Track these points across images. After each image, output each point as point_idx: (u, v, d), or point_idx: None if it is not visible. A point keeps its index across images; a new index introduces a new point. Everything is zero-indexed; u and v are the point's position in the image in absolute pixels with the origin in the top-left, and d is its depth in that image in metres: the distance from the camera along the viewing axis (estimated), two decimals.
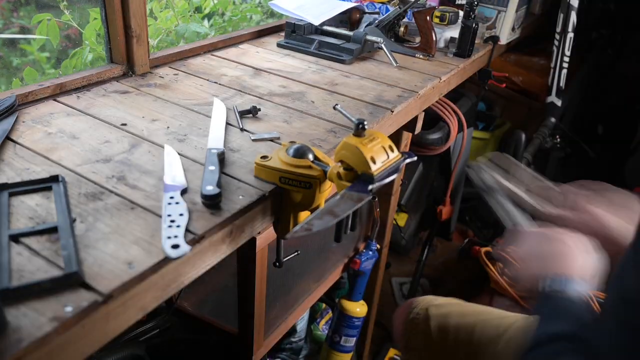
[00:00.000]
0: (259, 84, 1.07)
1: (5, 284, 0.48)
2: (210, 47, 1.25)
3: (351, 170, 0.65)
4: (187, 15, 1.49)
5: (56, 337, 0.45)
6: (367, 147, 0.64)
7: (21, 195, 0.63)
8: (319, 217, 0.61)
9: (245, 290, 0.88)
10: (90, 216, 0.60)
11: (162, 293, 0.56)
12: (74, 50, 1.19)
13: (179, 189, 0.66)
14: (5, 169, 0.68)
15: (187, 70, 1.10)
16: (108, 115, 0.86)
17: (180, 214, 0.60)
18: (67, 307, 0.47)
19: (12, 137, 0.76)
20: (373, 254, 1.31)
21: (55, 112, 0.86)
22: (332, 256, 1.23)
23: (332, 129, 0.90)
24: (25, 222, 0.58)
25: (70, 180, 0.67)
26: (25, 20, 1.13)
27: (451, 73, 1.27)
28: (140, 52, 1.03)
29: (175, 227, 0.58)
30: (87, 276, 0.51)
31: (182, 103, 0.94)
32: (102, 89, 0.97)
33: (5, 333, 0.44)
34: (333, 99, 1.03)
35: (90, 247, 0.55)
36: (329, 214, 0.61)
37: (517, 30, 1.71)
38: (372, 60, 1.30)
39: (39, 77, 1.12)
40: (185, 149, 0.78)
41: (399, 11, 1.33)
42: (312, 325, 1.50)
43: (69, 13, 1.15)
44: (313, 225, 0.61)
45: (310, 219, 0.62)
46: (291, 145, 0.72)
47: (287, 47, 1.31)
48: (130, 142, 0.79)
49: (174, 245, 0.55)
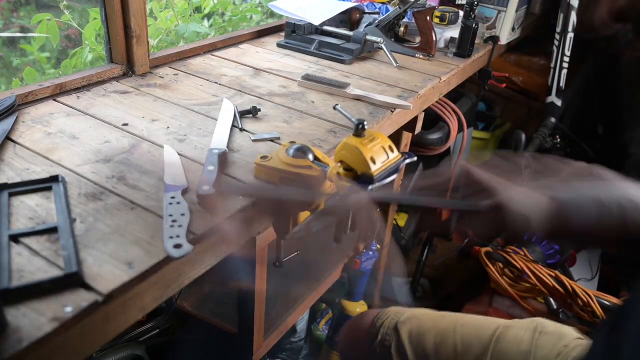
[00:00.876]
0: (259, 84, 1.07)
1: (5, 284, 0.48)
2: (210, 47, 1.25)
3: (351, 171, 0.65)
4: (187, 15, 1.50)
5: (56, 337, 0.45)
6: (367, 147, 0.64)
7: (21, 195, 0.63)
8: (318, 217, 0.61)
9: (245, 290, 0.88)
10: (90, 216, 0.60)
11: (162, 293, 0.56)
12: (74, 50, 1.19)
13: (180, 188, 0.66)
14: (5, 169, 0.68)
15: (187, 70, 1.10)
16: (108, 115, 0.86)
17: (182, 214, 0.60)
18: (67, 307, 0.47)
19: (12, 137, 0.76)
20: (373, 254, 1.31)
21: (55, 112, 0.86)
22: (332, 256, 1.23)
23: (332, 129, 0.90)
24: (25, 222, 0.58)
25: (70, 180, 0.67)
26: (25, 20, 1.13)
27: (451, 73, 1.27)
28: (140, 52, 1.03)
29: (177, 226, 0.58)
30: (87, 276, 0.51)
31: (182, 103, 0.94)
32: (102, 89, 0.97)
33: (5, 333, 0.44)
34: (333, 99, 1.03)
35: (90, 247, 0.55)
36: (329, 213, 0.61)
37: (517, 30, 1.71)
38: (372, 60, 1.30)
39: (38, 77, 1.12)
40: (185, 149, 0.78)
41: (399, 11, 1.33)
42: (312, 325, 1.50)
43: (69, 13, 1.15)
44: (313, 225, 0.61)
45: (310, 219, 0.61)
46: (291, 145, 0.72)
47: (287, 47, 1.31)
48: (130, 142, 0.79)
49: (176, 245, 0.55)
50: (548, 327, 0.87)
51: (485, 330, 0.89)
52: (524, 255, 1.38)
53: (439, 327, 0.91)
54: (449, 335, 0.89)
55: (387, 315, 0.95)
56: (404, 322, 0.93)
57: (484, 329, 0.90)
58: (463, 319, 0.93)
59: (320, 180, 0.68)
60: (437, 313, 0.96)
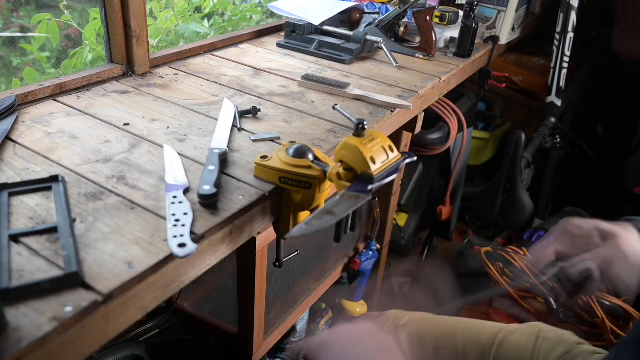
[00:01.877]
0: (259, 84, 1.07)
1: (5, 284, 0.48)
2: (210, 47, 1.25)
3: (351, 171, 0.65)
4: (187, 15, 1.50)
5: (56, 337, 0.45)
6: (367, 147, 0.64)
7: (21, 195, 0.63)
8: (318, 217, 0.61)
9: (245, 290, 0.88)
10: (90, 216, 0.60)
11: (162, 293, 0.56)
12: (74, 50, 1.19)
13: (182, 188, 0.66)
14: (5, 169, 0.68)
15: (187, 70, 1.10)
16: (108, 115, 0.86)
17: (185, 213, 0.61)
18: (67, 307, 0.47)
19: (12, 137, 0.76)
20: (373, 254, 1.31)
21: (55, 112, 0.86)
22: (332, 256, 1.23)
23: (332, 129, 0.90)
24: (25, 222, 0.58)
25: (70, 180, 0.67)
26: (25, 20, 1.13)
27: (451, 73, 1.27)
28: (140, 52, 1.03)
29: (180, 226, 0.58)
30: (87, 276, 0.51)
31: (182, 103, 0.94)
32: (102, 89, 0.97)
33: (5, 333, 0.44)
34: (333, 99, 1.03)
35: (90, 247, 0.55)
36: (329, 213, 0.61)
37: (517, 30, 1.71)
38: (372, 60, 1.30)
39: (39, 77, 1.12)
40: (185, 149, 0.78)
41: (399, 11, 1.34)
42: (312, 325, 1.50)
43: (69, 13, 1.15)
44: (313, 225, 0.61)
45: (310, 218, 0.62)
46: (291, 145, 0.72)
47: (287, 47, 1.31)
48: (130, 142, 0.79)
49: (180, 244, 0.55)
50: (549, 333, 0.88)
51: (485, 334, 0.89)
52: (524, 255, 1.38)
53: (439, 331, 0.91)
54: (449, 339, 0.89)
55: (387, 319, 0.96)
56: (404, 325, 0.93)
57: (484, 333, 0.90)
58: (462, 323, 0.93)
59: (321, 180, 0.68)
60: (436, 317, 0.96)
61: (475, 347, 0.88)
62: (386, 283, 1.53)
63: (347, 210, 0.61)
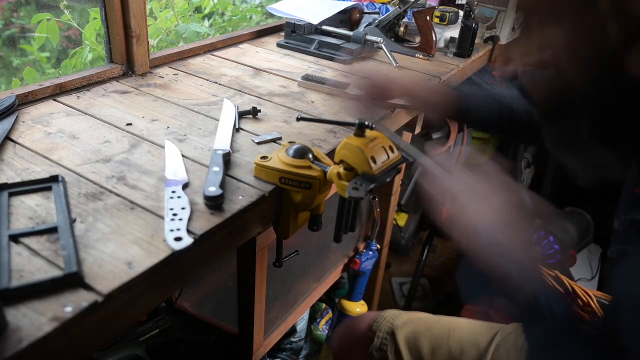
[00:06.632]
0: (259, 84, 1.07)
1: (5, 284, 0.48)
2: (210, 47, 1.25)
3: (351, 170, 0.65)
4: (187, 15, 1.49)
5: (56, 337, 0.45)
6: (368, 147, 0.64)
7: (21, 195, 0.63)
8: None
9: (245, 290, 0.88)
10: (90, 216, 0.60)
11: (162, 293, 0.56)
12: (74, 50, 1.19)
13: (181, 183, 0.66)
14: (5, 169, 0.68)
15: (187, 70, 1.10)
16: (108, 115, 0.86)
17: (182, 208, 0.61)
18: (67, 307, 0.47)
19: (12, 137, 0.76)
20: (373, 254, 1.31)
21: (55, 112, 0.86)
22: (332, 256, 1.23)
23: (332, 129, 0.90)
24: (25, 222, 0.58)
25: (70, 180, 0.67)
26: (25, 20, 1.13)
27: (451, 73, 1.27)
28: (140, 52, 1.03)
29: (177, 220, 0.58)
30: (87, 276, 0.51)
31: (182, 103, 0.94)
32: (102, 89, 0.97)
33: (5, 333, 0.44)
34: (333, 99, 1.03)
35: (90, 247, 0.55)
36: None
37: (517, 30, 1.70)
38: (372, 60, 1.30)
39: (38, 77, 1.12)
40: (185, 149, 0.78)
41: (399, 11, 1.34)
42: (312, 325, 1.50)
43: (69, 13, 1.15)
44: None
45: None
46: (291, 145, 0.72)
47: (287, 47, 1.31)
48: (130, 142, 0.79)
49: (176, 238, 0.55)
50: None
51: (482, 335, 0.89)
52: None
53: (435, 331, 0.91)
54: (445, 340, 0.89)
55: (384, 319, 0.95)
56: (400, 326, 0.93)
57: (481, 334, 0.90)
58: (459, 324, 0.93)
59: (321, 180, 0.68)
60: (433, 317, 0.96)
61: (472, 348, 0.88)
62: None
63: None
